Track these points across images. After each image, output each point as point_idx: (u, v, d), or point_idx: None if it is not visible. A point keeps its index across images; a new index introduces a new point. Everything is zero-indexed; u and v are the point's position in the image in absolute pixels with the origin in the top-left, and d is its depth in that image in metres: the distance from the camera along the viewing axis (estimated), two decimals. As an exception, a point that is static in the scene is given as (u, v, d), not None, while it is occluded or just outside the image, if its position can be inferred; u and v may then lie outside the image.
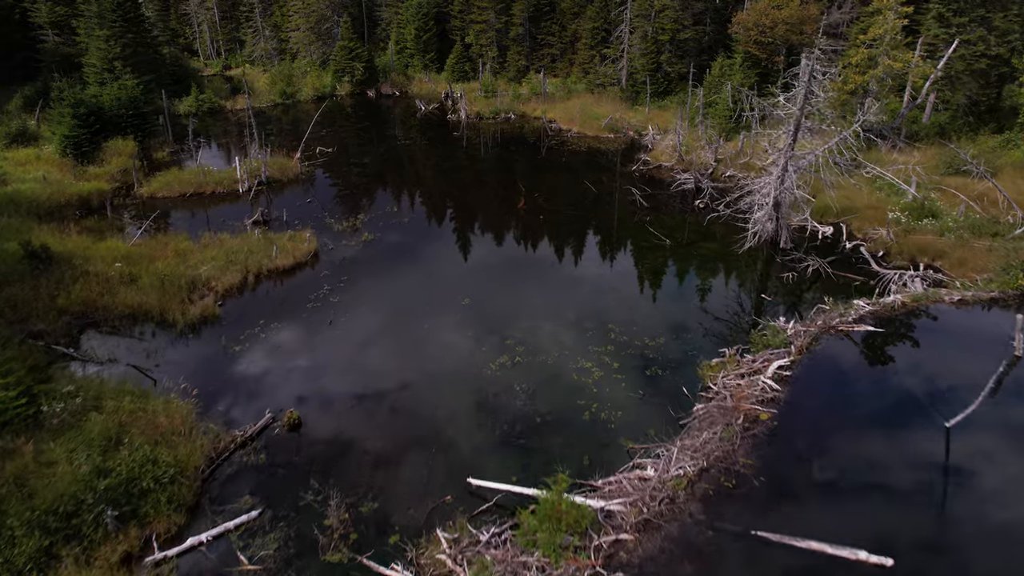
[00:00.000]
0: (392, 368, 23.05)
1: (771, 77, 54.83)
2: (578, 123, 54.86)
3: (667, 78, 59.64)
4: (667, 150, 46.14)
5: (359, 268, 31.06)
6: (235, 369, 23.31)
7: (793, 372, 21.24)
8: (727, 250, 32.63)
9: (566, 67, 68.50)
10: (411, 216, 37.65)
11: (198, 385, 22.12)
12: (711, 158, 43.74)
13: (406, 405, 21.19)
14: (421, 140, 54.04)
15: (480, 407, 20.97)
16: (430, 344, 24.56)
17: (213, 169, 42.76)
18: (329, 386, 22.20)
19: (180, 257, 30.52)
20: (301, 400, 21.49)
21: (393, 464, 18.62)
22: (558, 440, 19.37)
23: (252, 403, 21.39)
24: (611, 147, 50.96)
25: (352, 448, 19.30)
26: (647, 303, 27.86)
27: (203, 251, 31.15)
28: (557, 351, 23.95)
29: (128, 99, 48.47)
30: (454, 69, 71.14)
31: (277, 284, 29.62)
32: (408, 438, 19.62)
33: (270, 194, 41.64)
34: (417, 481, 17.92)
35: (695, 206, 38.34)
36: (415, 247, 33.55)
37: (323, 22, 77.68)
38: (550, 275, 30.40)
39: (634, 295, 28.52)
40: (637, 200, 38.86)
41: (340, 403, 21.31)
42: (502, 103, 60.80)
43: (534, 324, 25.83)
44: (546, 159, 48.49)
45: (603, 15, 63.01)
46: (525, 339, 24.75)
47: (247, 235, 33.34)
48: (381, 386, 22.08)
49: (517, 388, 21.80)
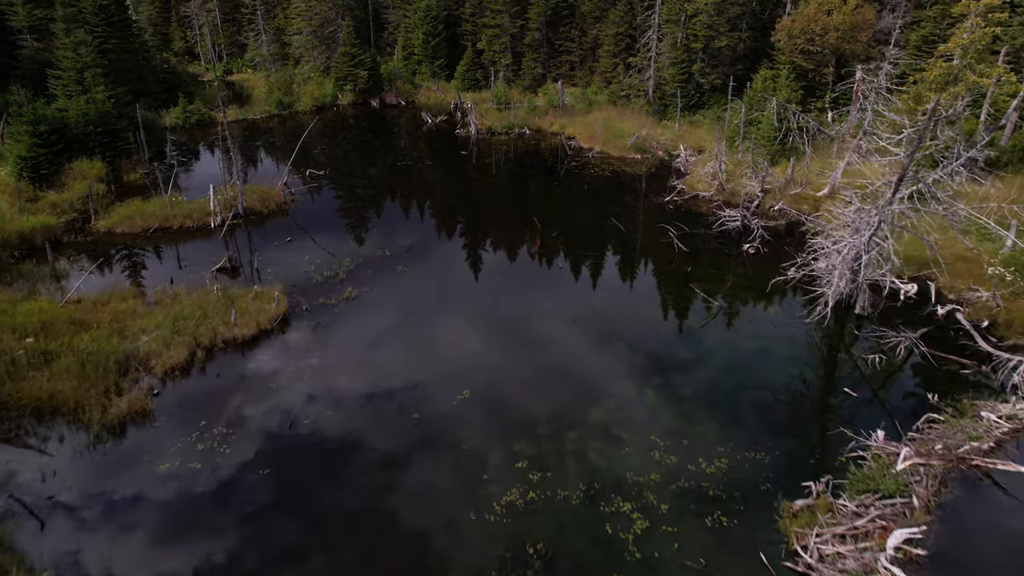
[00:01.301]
0: (361, 524, 16.78)
1: (817, 91, 48.08)
2: (600, 141, 48.35)
3: (699, 90, 52.95)
4: (705, 178, 39.57)
5: (336, 340, 24.86)
6: (155, 502, 17.23)
7: (928, 550, 14.73)
8: (791, 319, 26.11)
9: (586, 76, 61.97)
10: (405, 263, 31.33)
11: (97, 541, 16.05)
12: (757, 188, 37.16)
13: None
14: (425, 159, 47.78)
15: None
16: (415, 470, 18.27)
17: (183, 199, 36.69)
18: (279, 538, 16.06)
19: (118, 322, 24.47)
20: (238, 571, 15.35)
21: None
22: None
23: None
24: (638, 170, 44.42)
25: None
26: (697, 403, 21.21)
27: (148, 314, 25.11)
28: (585, 480, 17.64)
29: (97, 114, 42.56)
30: (465, 77, 64.79)
31: (232, 362, 23.47)
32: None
33: (248, 228, 35.60)
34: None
35: (744, 251, 31.78)
36: (407, 308, 27.27)
37: (326, 25, 71.55)
38: (573, 352, 24.01)
39: (679, 389, 21.87)
40: (674, 243, 32.35)
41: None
42: (516, 117, 54.38)
43: (553, 430, 19.55)
44: (565, 184, 42.08)
45: (628, 20, 56.39)
46: (541, 456, 18.47)
47: (206, 290, 27.22)
48: (340, 557, 15.87)
49: (530, 551, 15.54)
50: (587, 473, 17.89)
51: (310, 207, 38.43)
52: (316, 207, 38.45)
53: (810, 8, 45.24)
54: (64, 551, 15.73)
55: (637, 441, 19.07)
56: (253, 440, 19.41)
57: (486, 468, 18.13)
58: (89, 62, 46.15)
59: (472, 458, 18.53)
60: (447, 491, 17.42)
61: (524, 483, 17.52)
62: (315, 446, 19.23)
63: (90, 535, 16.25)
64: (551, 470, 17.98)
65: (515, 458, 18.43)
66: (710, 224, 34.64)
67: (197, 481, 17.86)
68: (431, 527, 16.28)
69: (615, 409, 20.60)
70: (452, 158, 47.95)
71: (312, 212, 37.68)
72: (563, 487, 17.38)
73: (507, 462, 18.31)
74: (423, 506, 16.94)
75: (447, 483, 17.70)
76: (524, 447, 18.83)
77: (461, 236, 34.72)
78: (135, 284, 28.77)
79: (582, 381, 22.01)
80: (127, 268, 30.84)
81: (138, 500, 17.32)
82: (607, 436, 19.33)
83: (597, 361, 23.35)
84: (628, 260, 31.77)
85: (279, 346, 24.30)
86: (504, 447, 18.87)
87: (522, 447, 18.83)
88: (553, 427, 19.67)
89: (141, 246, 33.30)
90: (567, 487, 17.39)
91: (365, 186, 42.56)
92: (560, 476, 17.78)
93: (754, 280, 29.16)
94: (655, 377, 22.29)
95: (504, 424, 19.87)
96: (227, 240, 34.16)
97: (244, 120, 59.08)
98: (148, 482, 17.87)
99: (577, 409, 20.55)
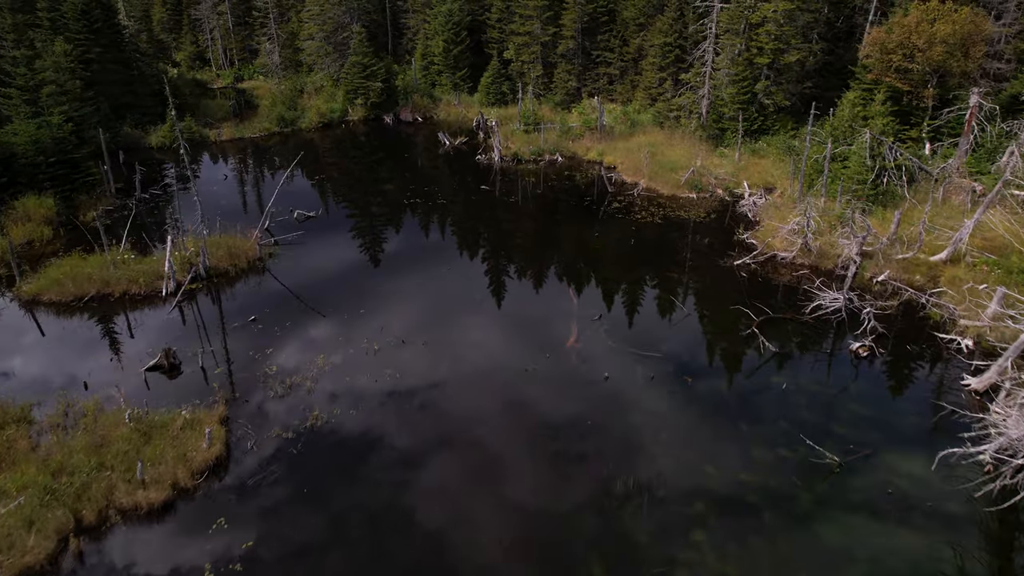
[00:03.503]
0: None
1: (912, 117, 38.80)
2: (647, 174, 39.61)
3: (762, 112, 43.94)
4: (784, 233, 30.68)
5: (289, 499, 16.80)
6: None
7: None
8: (948, 485, 17.40)
9: (626, 91, 53.13)
10: (396, 364, 23.06)
11: None
12: (854, 250, 28.24)
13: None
14: (439, 194, 39.51)
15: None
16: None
17: (131, 256, 28.87)
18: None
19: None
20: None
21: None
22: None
23: None
24: (695, 214, 35.57)
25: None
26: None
27: (23, 461, 17.27)
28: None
29: (52, 141, 35.04)
30: (489, 90, 56.31)
31: (121, 555, 15.50)
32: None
33: (212, 292, 27.74)
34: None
35: (853, 352, 22.97)
36: (394, 438, 19.07)
37: (340, 31, 63.50)
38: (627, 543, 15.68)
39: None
40: (758, 337, 23.64)
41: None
42: (547, 141, 45.81)
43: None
44: (606, 233, 33.52)
45: (677, 28, 47.42)
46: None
47: (116, 414, 19.29)
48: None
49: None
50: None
51: (291, 264, 30.27)
52: (298, 264, 30.29)
53: (910, 17, 35.96)
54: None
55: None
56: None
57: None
58: (49, 77, 38.51)
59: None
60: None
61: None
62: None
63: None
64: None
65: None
66: (799, 303, 25.89)
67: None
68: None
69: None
70: (471, 193, 39.57)
71: (293, 271, 29.56)
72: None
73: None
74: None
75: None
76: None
77: (475, 316, 26.36)
78: (32, 392, 20.88)
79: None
80: (33, 362, 23.01)
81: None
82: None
83: (658, 548, 14.94)
84: (694, 361, 23.12)
85: (200, 520, 16.27)
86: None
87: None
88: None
89: (70, 317, 25.56)
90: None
91: (364, 233, 34.34)
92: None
93: (882, 407, 20.42)
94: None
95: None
96: (182, 310, 26.37)
97: (241, 139, 51.33)
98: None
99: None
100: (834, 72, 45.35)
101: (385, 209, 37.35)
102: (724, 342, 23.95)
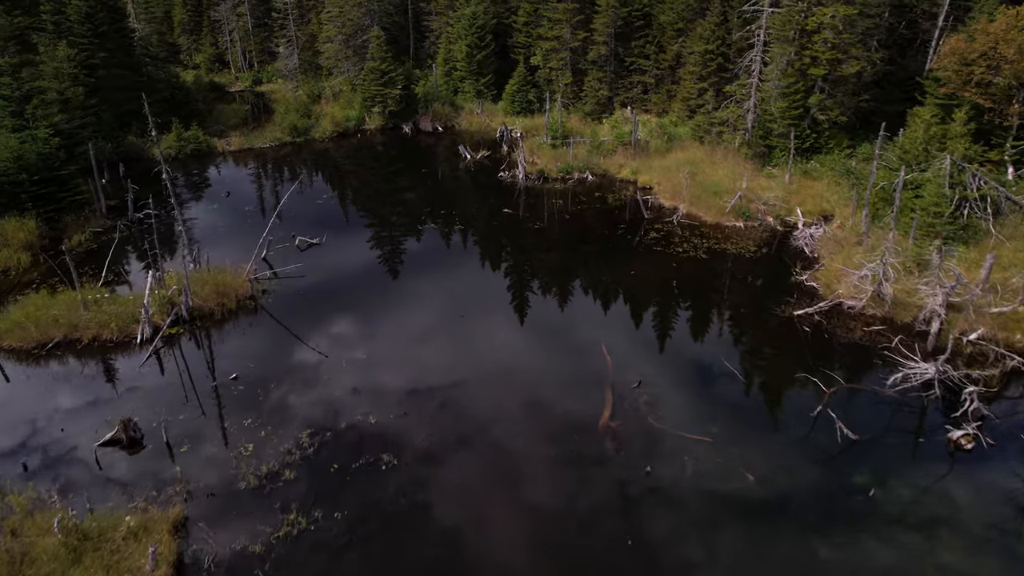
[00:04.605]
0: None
1: (993, 138, 33.90)
2: (687, 198, 35.26)
3: (815, 128, 39.25)
4: (851, 277, 26.13)
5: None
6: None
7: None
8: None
9: (662, 101, 48.65)
10: (394, 445, 19.30)
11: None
12: (939, 302, 23.70)
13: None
14: (457, 218, 35.60)
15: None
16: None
17: (105, 294, 25.31)
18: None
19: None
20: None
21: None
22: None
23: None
24: (744, 248, 31.07)
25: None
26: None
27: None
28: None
29: (37, 156, 31.77)
30: (515, 98, 52.17)
31: None
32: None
33: (197, 335, 24.15)
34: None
35: (954, 443, 18.52)
36: (389, 557, 15.24)
37: (359, 34, 59.85)
38: None
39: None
40: (834, 422, 19.25)
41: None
42: (575, 157, 41.60)
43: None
44: (643, 272, 29.19)
45: (720, 35, 42.88)
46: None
47: (48, 516, 15.66)
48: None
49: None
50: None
51: (287, 302, 26.56)
52: (296, 302, 26.59)
53: (997, 24, 31.12)
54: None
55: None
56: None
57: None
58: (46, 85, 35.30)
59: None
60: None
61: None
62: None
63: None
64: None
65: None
66: (876, 369, 21.48)
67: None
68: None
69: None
70: (492, 216, 35.52)
71: (288, 310, 25.83)
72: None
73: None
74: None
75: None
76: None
77: (492, 378, 22.30)
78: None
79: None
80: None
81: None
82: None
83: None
84: (753, 446, 18.87)
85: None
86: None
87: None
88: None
89: (25, 376, 22.00)
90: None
91: (370, 267, 30.47)
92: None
93: (1004, 532, 16.02)
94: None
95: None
96: (160, 359, 22.83)
97: (251, 149, 47.91)
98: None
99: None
100: (895, 84, 40.49)
101: (396, 233, 33.46)
102: (789, 422, 19.63)
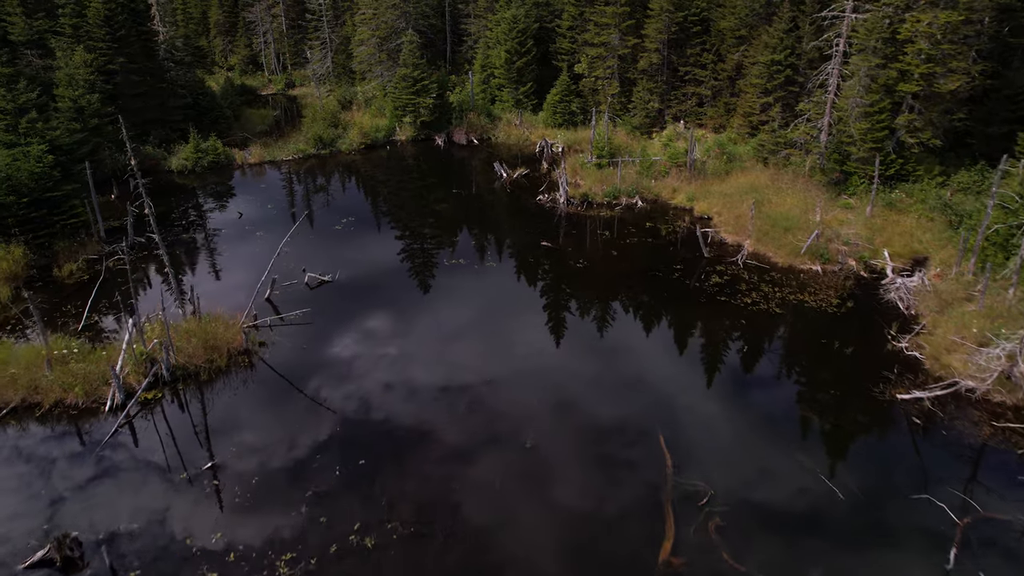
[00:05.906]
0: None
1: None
2: (753, 233, 30.37)
3: (902, 153, 33.83)
4: (980, 360, 20.96)
5: None
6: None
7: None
8: None
9: (719, 115, 43.56)
10: (399, 571, 15.12)
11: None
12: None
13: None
14: (487, 254, 31.35)
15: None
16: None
17: (75, 346, 21.62)
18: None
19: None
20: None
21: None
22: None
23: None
24: (824, 300, 25.85)
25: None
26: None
27: None
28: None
29: (30, 176, 28.46)
30: (556, 109, 47.63)
31: None
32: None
33: (184, 396, 20.36)
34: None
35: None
36: None
37: (394, 37, 55.99)
38: None
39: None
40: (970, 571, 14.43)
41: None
42: (623, 180, 36.83)
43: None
44: (707, 329, 24.41)
45: (789, 43, 37.62)
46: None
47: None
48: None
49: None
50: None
51: (288, 358, 22.61)
52: (298, 357, 22.62)
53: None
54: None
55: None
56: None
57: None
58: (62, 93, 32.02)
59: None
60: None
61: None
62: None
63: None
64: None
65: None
66: (1018, 489, 16.50)
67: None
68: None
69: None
70: (529, 249, 31.04)
71: (287, 367, 21.92)
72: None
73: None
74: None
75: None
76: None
77: (518, 485, 17.93)
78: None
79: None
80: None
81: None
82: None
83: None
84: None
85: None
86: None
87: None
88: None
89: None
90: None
91: (389, 308, 26.34)
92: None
93: None
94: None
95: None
96: (133, 430, 19.09)
97: (272, 162, 44.36)
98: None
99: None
100: (1000, 100, 34.72)
101: (417, 271, 29.29)
102: (909, 569, 14.82)
